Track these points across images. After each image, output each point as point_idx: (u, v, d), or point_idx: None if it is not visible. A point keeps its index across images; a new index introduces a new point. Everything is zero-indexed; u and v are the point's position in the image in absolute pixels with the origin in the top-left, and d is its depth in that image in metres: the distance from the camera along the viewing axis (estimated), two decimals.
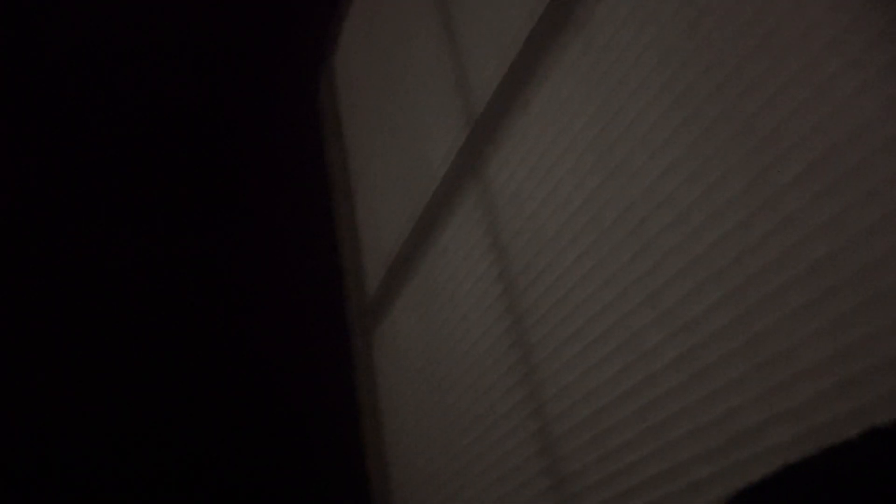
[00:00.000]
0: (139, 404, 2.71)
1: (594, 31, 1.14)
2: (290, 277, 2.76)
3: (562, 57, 1.21)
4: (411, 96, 1.76)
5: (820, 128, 0.78)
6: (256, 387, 2.87)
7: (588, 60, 1.15)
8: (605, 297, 1.08)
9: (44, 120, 3.01)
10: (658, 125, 1.00)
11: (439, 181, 1.61)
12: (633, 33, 1.06)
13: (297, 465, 2.67)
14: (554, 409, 1.19)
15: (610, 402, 1.06)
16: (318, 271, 2.41)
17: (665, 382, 0.97)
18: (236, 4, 2.99)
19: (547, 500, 1.21)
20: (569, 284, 1.17)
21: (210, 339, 2.88)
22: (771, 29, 0.85)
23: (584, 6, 1.18)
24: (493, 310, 1.39)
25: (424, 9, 1.75)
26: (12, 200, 2.87)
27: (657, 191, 0.99)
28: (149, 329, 2.83)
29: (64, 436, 2.61)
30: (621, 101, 1.07)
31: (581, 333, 1.13)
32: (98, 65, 2.98)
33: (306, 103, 2.57)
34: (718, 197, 0.90)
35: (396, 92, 1.85)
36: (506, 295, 1.35)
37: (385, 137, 1.92)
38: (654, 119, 1.00)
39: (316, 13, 2.55)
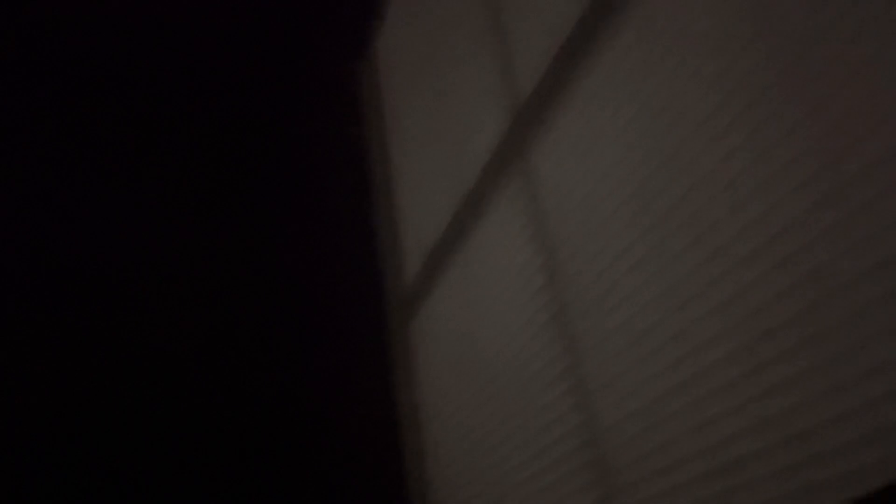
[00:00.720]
0: (174, 394, 2.73)
1: (649, 14, 1.10)
2: (328, 266, 2.75)
3: (614, 41, 1.18)
4: (454, 81, 1.74)
5: (894, 114, 0.75)
6: (292, 376, 2.87)
7: (642, 45, 1.11)
8: (656, 288, 1.05)
9: (82, 108, 3.04)
10: (716, 112, 0.96)
11: (482, 169, 1.59)
12: (689, 17, 1.02)
13: (334, 457, 2.67)
14: (599, 402, 1.17)
15: (659, 395, 1.03)
16: (356, 260, 2.40)
17: (719, 378, 0.94)
18: None
19: (589, 494, 1.19)
20: (616, 275, 1.14)
21: (246, 328, 2.90)
22: (838, 12, 0.81)
23: None
24: (536, 301, 1.36)
25: None
26: (53, 189, 2.90)
27: (714, 180, 0.96)
28: (186, 316, 2.85)
29: (98, 437, 2.64)
30: (677, 88, 1.03)
31: (629, 325, 1.10)
32: (137, 51, 3.00)
33: (347, 88, 2.56)
34: (781, 186, 0.87)
35: (439, 77, 1.83)
36: (549, 286, 1.32)
37: (426, 123, 1.90)
38: (712, 106, 0.97)
39: None
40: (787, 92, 0.86)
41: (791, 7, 0.87)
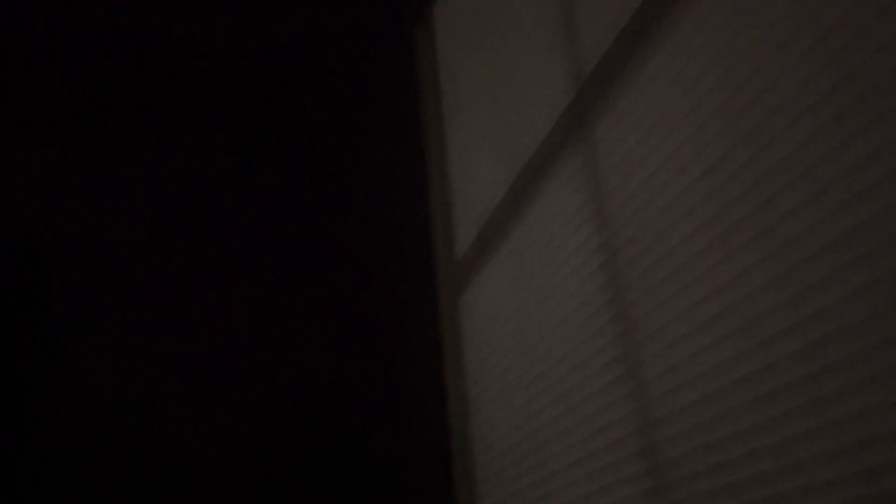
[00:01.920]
0: (229, 363, 2.77)
1: None
2: (380, 235, 2.74)
3: (688, 11, 1.11)
4: (515, 50, 1.69)
5: None
6: (342, 346, 2.89)
7: (719, 17, 1.05)
8: (723, 275, 1.00)
9: (140, 70, 3.06)
10: (799, 91, 0.90)
11: (540, 142, 1.54)
12: None
13: (381, 428, 2.68)
14: (655, 390, 1.12)
15: (720, 388, 0.99)
16: (409, 230, 2.38)
17: (786, 374, 0.89)
18: None
19: (638, 485, 1.15)
20: (680, 260, 1.09)
21: (295, 297, 2.91)
22: None
23: None
24: (592, 281, 1.32)
25: None
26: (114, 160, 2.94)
27: (793, 163, 0.90)
28: (235, 277, 2.87)
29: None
30: (756, 63, 0.97)
31: (691, 313, 1.05)
32: (197, 16, 3.00)
33: (404, 54, 2.52)
34: (864, 175, 0.81)
35: (499, 45, 1.78)
36: (607, 266, 1.28)
37: (484, 93, 1.86)
38: (795, 85, 0.91)
39: None
40: (879, 75, 0.80)
41: None
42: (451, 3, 2.15)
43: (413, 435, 2.25)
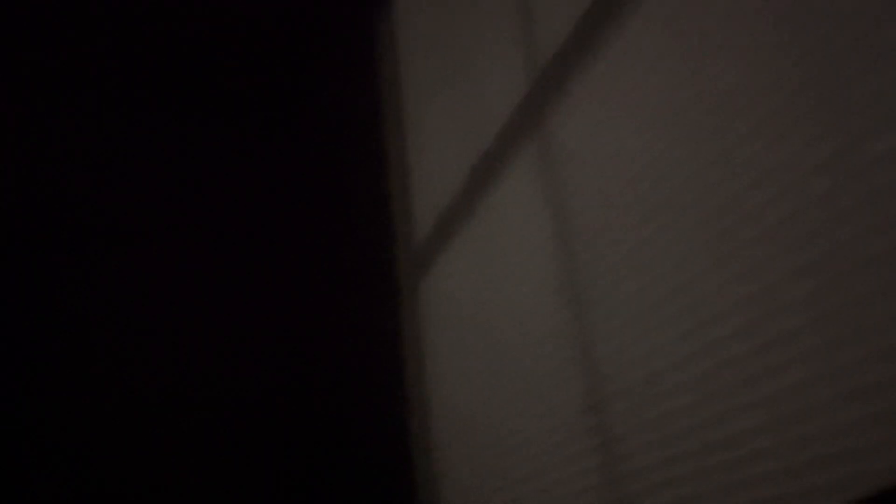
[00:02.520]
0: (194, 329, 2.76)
1: None
2: (339, 224, 2.76)
3: (638, 10, 1.17)
4: (473, 42, 1.72)
5: None
6: (299, 330, 2.90)
7: (667, 12, 1.10)
8: (670, 259, 1.06)
9: (94, 46, 3.02)
10: (741, 86, 0.96)
11: (498, 131, 1.58)
12: None
13: (339, 415, 2.71)
14: (606, 368, 1.18)
15: (667, 365, 1.05)
16: (368, 219, 2.41)
17: (727, 351, 0.95)
18: None
19: (592, 458, 1.21)
20: (630, 245, 1.14)
21: (253, 283, 2.92)
22: None
23: None
24: (547, 267, 1.37)
25: None
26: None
27: (734, 154, 0.96)
28: (195, 258, 2.87)
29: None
30: (703, 58, 1.02)
31: (641, 295, 1.11)
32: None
33: (364, 41, 2.54)
34: (801, 164, 0.87)
35: (459, 33, 1.81)
36: (561, 252, 1.33)
37: (443, 83, 1.89)
38: (737, 79, 0.96)
39: None
40: (813, 70, 0.86)
41: None
42: None
43: (372, 415, 2.29)
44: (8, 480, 2.45)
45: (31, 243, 2.71)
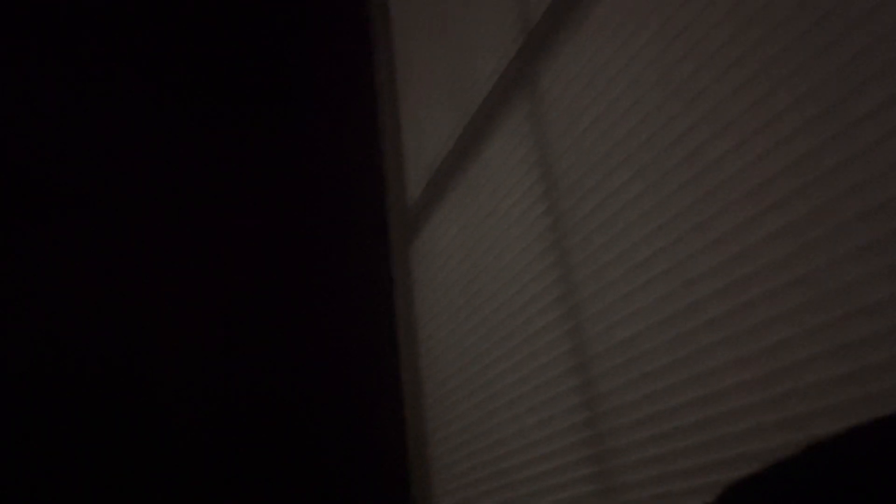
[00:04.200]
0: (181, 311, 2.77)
1: None
2: (331, 183, 2.75)
3: None
4: (464, 1, 1.70)
5: None
6: (291, 292, 2.91)
7: None
8: (654, 221, 1.06)
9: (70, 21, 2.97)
10: (728, 44, 0.95)
11: (488, 92, 1.57)
12: None
13: (331, 373, 2.73)
14: (591, 328, 1.19)
15: (649, 326, 1.06)
16: (360, 178, 2.40)
17: (710, 310, 0.96)
18: None
19: (577, 416, 1.23)
20: (617, 206, 1.14)
21: (244, 245, 2.92)
22: None
23: None
24: (536, 227, 1.37)
25: None
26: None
27: (720, 114, 0.95)
28: (188, 234, 2.86)
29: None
30: (690, 17, 1.01)
31: (625, 256, 1.12)
32: None
33: (353, 3, 2.50)
34: (786, 125, 0.86)
35: None
36: (550, 213, 1.33)
37: (434, 43, 1.87)
38: (724, 38, 0.95)
39: None
40: (800, 28, 0.85)
41: None
42: None
43: (365, 375, 2.31)
44: None
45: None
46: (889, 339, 0.74)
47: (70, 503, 2.47)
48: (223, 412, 2.69)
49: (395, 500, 2.01)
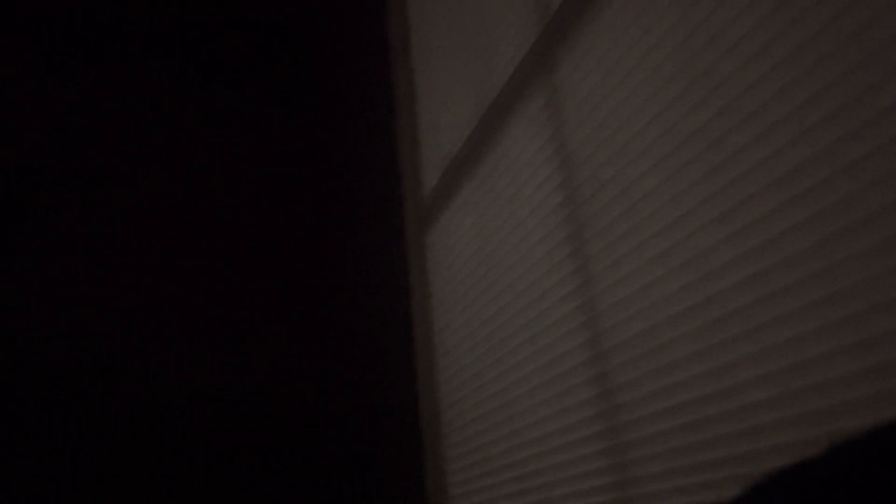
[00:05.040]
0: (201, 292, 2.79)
1: None
2: (347, 173, 2.75)
3: None
4: None
5: None
6: (308, 284, 2.92)
7: None
8: (674, 212, 1.05)
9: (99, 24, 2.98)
10: (750, 34, 0.93)
11: (505, 81, 1.56)
12: None
13: (346, 365, 2.74)
14: (608, 320, 1.18)
15: (668, 318, 1.05)
16: (376, 168, 2.40)
17: (730, 303, 0.95)
18: None
19: (593, 407, 1.22)
20: (636, 196, 1.13)
21: (260, 232, 2.93)
22: None
23: None
24: (553, 218, 1.36)
25: None
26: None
27: (742, 104, 0.94)
28: (201, 224, 2.87)
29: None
30: (712, 4, 1.00)
31: (644, 247, 1.10)
32: None
33: None
34: (810, 115, 0.85)
35: None
36: (567, 203, 1.32)
37: (453, 31, 1.86)
38: (747, 27, 0.94)
39: None
40: (825, 17, 0.83)
41: None
42: None
43: (379, 366, 2.31)
44: None
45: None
46: None
47: (90, 501, 2.50)
48: (235, 405, 2.71)
49: (409, 488, 2.01)
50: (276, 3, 3.16)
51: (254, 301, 2.84)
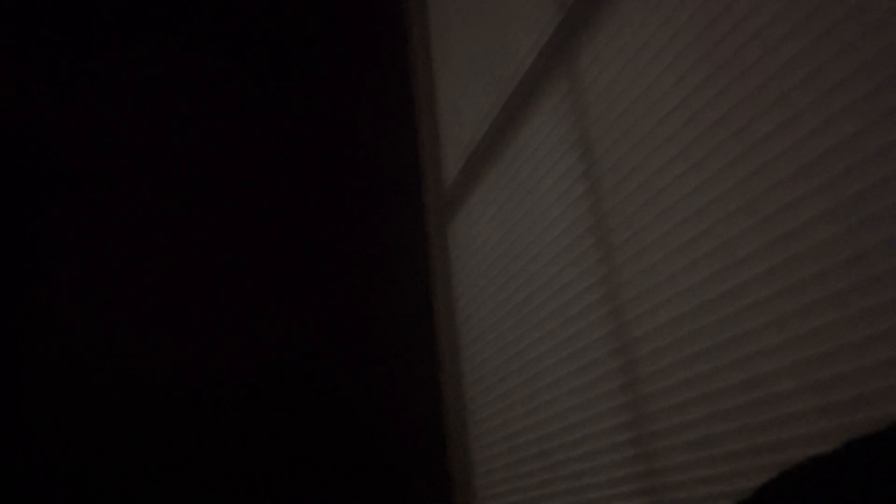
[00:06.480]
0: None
1: None
2: (368, 165, 2.76)
3: None
4: None
5: None
6: (329, 275, 2.94)
7: None
8: (698, 201, 1.04)
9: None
10: (775, 20, 0.92)
11: (525, 71, 1.55)
12: None
13: (368, 357, 2.75)
14: (633, 310, 1.18)
15: (693, 308, 1.04)
16: (397, 159, 2.40)
17: (755, 293, 0.94)
18: None
19: (619, 399, 1.22)
20: (659, 186, 1.12)
21: (277, 223, 2.94)
22: None
23: None
24: (575, 208, 1.36)
25: None
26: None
27: (767, 91, 0.93)
28: (218, 213, 2.89)
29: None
30: None
31: (668, 237, 1.10)
32: None
33: None
34: (837, 102, 0.84)
35: None
36: (590, 193, 1.31)
37: (471, 21, 1.85)
38: (772, 12, 0.93)
39: None
40: (847, 8, 0.82)
41: None
42: None
43: (402, 357, 2.32)
44: None
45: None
46: None
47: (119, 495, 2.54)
48: (256, 397, 2.73)
49: (434, 481, 2.03)
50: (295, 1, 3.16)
51: (276, 295, 2.86)
